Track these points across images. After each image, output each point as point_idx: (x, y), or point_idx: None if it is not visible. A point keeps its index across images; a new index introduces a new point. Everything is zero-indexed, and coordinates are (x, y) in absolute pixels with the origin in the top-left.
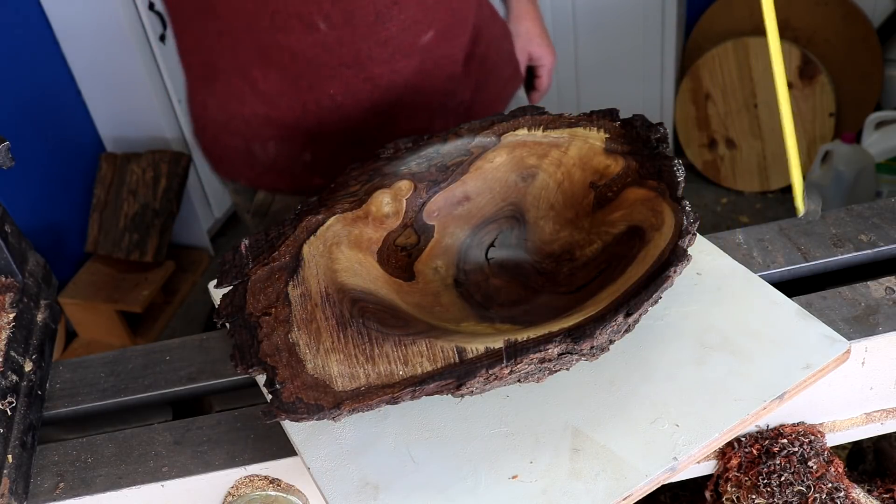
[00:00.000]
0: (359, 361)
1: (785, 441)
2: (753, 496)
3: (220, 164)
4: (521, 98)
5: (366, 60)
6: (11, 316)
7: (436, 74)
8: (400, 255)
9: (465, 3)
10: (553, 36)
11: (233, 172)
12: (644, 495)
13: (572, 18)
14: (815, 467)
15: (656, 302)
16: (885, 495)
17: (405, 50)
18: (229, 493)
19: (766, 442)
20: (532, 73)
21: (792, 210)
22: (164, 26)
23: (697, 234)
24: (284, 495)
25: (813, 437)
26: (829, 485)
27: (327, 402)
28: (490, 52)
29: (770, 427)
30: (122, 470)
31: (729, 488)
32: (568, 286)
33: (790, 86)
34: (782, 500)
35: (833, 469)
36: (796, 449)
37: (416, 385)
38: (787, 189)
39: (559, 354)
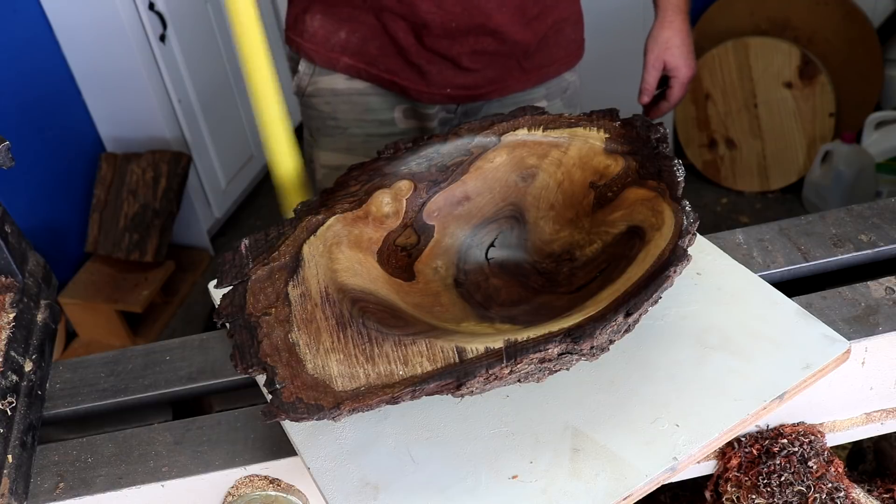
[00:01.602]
0: (359, 361)
1: (785, 441)
2: (753, 496)
3: (287, 30)
4: (568, 81)
5: None
6: (11, 316)
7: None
8: (400, 255)
9: None
10: None
11: (289, 38)
12: (644, 495)
13: None
14: (815, 467)
15: (656, 302)
16: (885, 495)
17: None
18: (229, 493)
19: (766, 442)
20: (666, 83)
21: (792, 210)
22: (164, 26)
23: (697, 234)
24: (284, 495)
25: (813, 437)
26: (829, 485)
27: (327, 402)
28: (550, 32)
29: (770, 427)
30: (122, 470)
31: (729, 488)
32: (568, 286)
33: (790, 86)
34: (782, 500)
35: (833, 469)
36: (796, 449)
37: (416, 385)
38: (787, 189)
39: (559, 354)
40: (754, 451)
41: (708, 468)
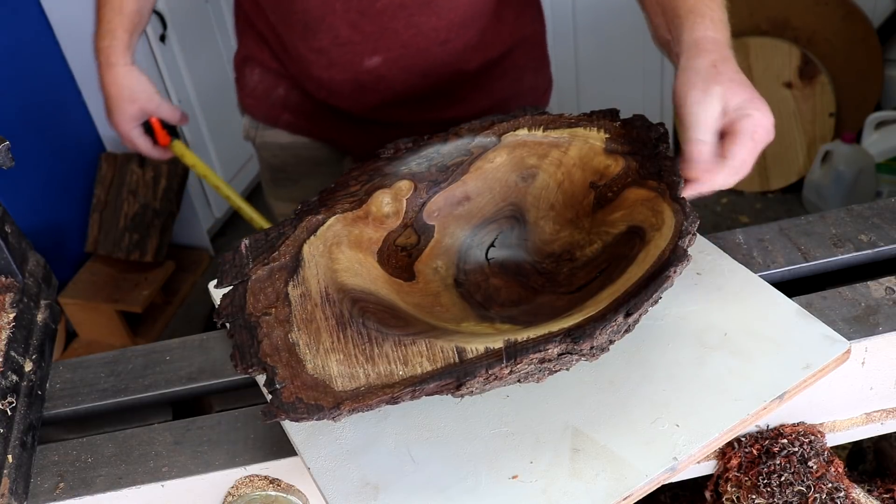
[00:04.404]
0: (358, 361)
1: (785, 441)
2: (753, 496)
3: (238, 93)
4: None
5: (307, 59)
6: (11, 316)
7: (386, 93)
8: (400, 255)
9: (427, 38)
10: (553, 36)
11: (239, 99)
12: (644, 495)
13: (572, 18)
14: (815, 467)
15: (656, 302)
16: (885, 495)
17: (342, 65)
18: (229, 493)
19: (766, 442)
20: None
21: (792, 210)
22: (165, 26)
23: (697, 234)
24: (284, 495)
25: (813, 437)
26: (829, 485)
27: (327, 402)
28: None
29: (770, 427)
30: (122, 470)
31: (729, 488)
32: (568, 286)
33: (790, 86)
34: (782, 500)
35: (833, 469)
36: (796, 449)
37: (416, 385)
38: (787, 189)
39: (559, 354)
40: (754, 451)
41: (708, 468)
